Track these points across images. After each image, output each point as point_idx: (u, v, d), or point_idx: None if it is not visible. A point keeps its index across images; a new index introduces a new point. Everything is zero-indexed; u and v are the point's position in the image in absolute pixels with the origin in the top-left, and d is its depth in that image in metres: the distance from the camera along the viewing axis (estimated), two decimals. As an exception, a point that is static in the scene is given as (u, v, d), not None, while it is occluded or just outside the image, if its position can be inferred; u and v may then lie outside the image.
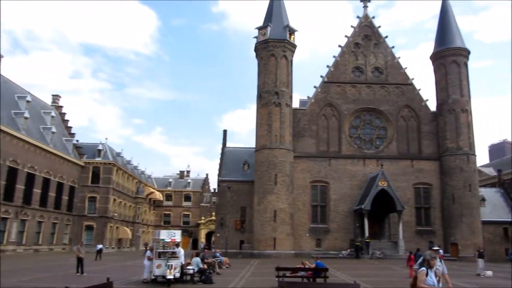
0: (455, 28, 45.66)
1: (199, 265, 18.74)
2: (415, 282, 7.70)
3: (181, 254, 17.64)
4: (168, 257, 16.80)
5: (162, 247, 17.31)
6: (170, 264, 16.54)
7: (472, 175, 41.66)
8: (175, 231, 18.79)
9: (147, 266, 17.78)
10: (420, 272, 7.45)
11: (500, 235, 43.39)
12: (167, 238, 17.42)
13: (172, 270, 16.43)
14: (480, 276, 23.20)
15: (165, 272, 16.60)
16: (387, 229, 41.68)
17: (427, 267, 7.48)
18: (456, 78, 43.36)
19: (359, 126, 44.47)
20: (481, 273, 23.69)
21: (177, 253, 17.26)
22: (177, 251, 17.30)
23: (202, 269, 18.67)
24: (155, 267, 16.88)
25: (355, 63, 45.42)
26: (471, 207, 40.51)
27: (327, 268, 17.57)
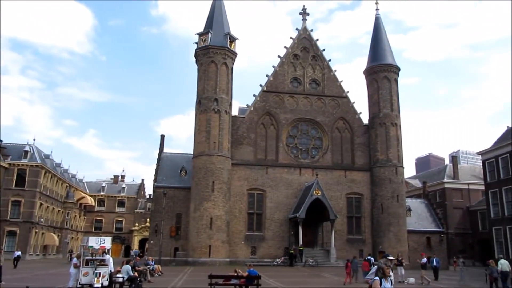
0: (387, 45, 48.18)
1: (129, 273, 18.17)
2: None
3: (110, 262, 17.02)
4: (96, 265, 16.15)
5: (90, 254, 16.61)
6: (98, 272, 15.94)
7: (400, 186, 43.91)
8: (105, 237, 18.10)
9: (73, 274, 16.96)
10: (374, 282, 7.09)
11: (423, 244, 46.00)
12: (95, 245, 16.75)
13: (100, 278, 15.83)
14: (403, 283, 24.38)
15: (92, 281, 15.96)
16: (320, 237, 42.81)
17: (381, 276, 7.10)
18: (387, 93, 45.68)
19: (296, 136, 45.47)
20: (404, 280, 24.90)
21: (106, 260, 16.64)
22: (106, 258, 16.68)
23: (132, 277, 18.13)
24: (81, 275, 16.16)
25: (293, 74, 46.48)
26: (398, 217, 42.63)
27: (259, 276, 17.69)
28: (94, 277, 15.90)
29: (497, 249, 42.46)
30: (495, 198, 43.27)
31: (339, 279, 25.99)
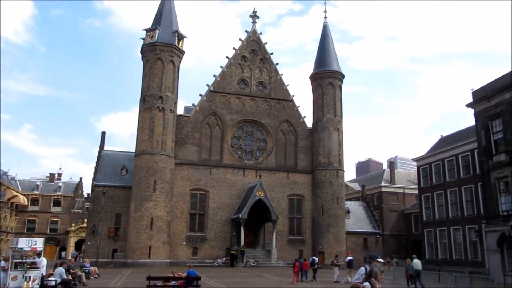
0: (333, 52, 49.58)
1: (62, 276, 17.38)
2: None
3: (42, 265, 16.22)
4: (26, 268, 15.28)
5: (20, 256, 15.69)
6: (28, 276, 15.07)
7: (340, 189, 45.26)
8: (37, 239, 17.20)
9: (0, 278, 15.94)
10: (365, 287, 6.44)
11: (360, 245, 47.75)
12: (26, 247, 15.84)
13: (30, 282, 15.00)
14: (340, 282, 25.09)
15: (21, 284, 15.09)
16: (262, 238, 43.20)
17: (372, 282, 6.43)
18: (331, 98, 46.96)
19: (241, 137, 45.64)
20: (340, 280, 25.58)
21: (38, 263, 15.80)
22: (38, 261, 15.84)
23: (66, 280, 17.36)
24: (9, 279, 15.22)
25: (241, 75, 46.64)
26: (337, 218, 43.91)
27: (199, 277, 17.54)
28: (23, 281, 15.06)
29: (427, 249, 44.86)
30: (428, 202, 45.70)
31: (279, 279, 26.36)
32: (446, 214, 42.56)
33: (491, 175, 30.87)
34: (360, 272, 8.04)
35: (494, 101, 31.09)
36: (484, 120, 32.06)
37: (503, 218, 29.16)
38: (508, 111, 29.76)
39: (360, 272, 8.06)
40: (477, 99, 32.94)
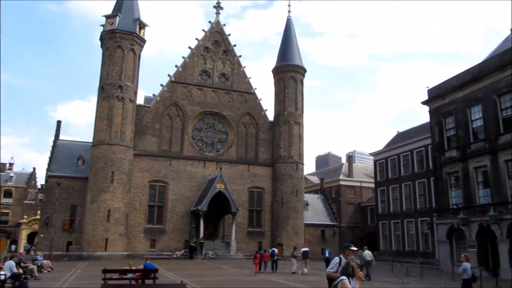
0: (296, 47, 49.92)
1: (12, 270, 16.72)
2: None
3: (-10, 258, 15.50)
4: (-29, 261, 14.58)
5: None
6: (-27, 269, 14.38)
7: (300, 182, 45.87)
8: (-15, 230, 16.42)
9: None
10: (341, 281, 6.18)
11: (318, 237, 48.70)
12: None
13: (-23, 275, 14.32)
14: (297, 274, 25.48)
15: (-34, 279, 14.38)
16: (222, 230, 43.24)
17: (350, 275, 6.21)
18: (292, 92, 47.35)
19: (202, 129, 45.30)
20: (297, 271, 25.98)
21: (-15, 256, 15.10)
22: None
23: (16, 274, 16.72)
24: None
25: (203, 66, 46.19)
26: (296, 211, 44.54)
27: (156, 269, 17.34)
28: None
29: (382, 241, 46.34)
30: (383, 196, 47.16)
31: (238, 271, 26.49)
32: (400, 207, 44.09)
33: (443, 170, 32.18)
34: (334, 261, 7.96)
35: (448, 99, 32.34)
36: (438, 117, 33.31)
37: (453, 211, 30.51)
38: (460, 109, 31.05)
39: (334, 261, 7.97)
40: (432, 97, 34.15)
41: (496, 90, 28.16)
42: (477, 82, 29.66)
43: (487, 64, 29.54)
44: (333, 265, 8.01)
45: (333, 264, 8.02)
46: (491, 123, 28.32)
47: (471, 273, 13.74)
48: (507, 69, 27.35)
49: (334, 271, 7.85)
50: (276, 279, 21.71)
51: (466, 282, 13.78)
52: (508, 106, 27.45)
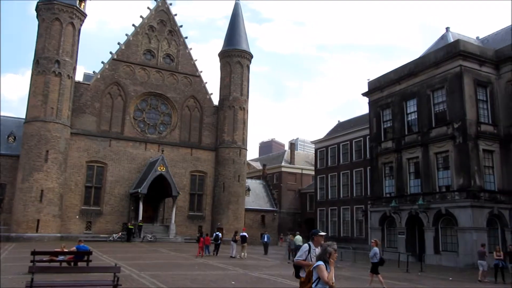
0: (243, 31, 49.68)
1: None
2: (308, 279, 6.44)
3: None
4: None
5: None
6: None
7: (242, 167, 46.14)
8: None
9: None
10: (317, 267, 6.04)
11: (258, 221, 49.43)
12: None
13: None
14: (236, 258, 25.76)
15: None
16: (161, 213, 42.71)
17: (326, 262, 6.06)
18: (238, 77, 47.23)
19: (145, 110, 44.17)
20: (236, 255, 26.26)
21: None
22: None
23: None
24: None
25: (147, 46, 44.84)
26: (238, 196, 44.84)
27: (90, 252, 16.84)
28: None
29: (319, 227, 47.81)
30: (322, 183, 48.58)
31: (176, 254, 26.35)
32: (338, 194, 45.66)
33: (379, 160, 33.63)
34: (303, 249, 7.53)
35: (386, 92, 33.68)
36: (377, 109, 34.65)
37: (386, 199, 32.06)
38: (397, 102, 32.47)
39: (303, 249, 7.55)
40: (371, 89, 35.42)
41: (430, 86, 29.69)
42: (413, 77, 31.10)
43: (423, 60, 31.02)
44: (302, 252, 7.59)
45: (302, 251, 7.60)
46: (424, 116, 29.88)
47: (379, 256, 14.66)
48: (441, 66, 28.89)
49: (303, 258, 7.46)
50: (214, 263, 21.82)
51: (374, 265, 14.65)
52: (440, 101, 29.07)
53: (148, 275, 15.06)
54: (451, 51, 28.53)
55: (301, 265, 7.46)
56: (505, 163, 27.52)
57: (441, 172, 28.37)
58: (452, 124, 27.57)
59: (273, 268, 20.70)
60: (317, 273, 6.08)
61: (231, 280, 15.00)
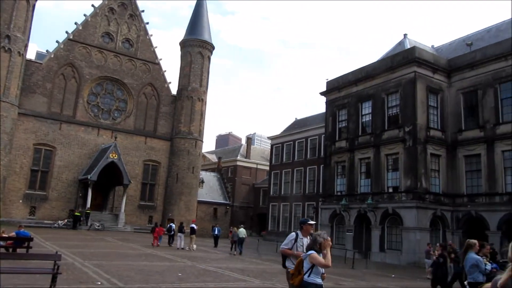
0: (206, 22, 49.08)
1: None
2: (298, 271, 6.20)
3: None
4: None
5: None
6: None
7: (197, 159, 45.74)
8: None
9: None
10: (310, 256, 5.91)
11: (210, 214, 49.25)
12: None
13: None
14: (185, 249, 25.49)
15: None
16: (111, 201, 41.65)
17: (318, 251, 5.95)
18: (198, 68, 46.66)
19: (99, 94, 42.79)
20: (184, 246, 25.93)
21: None
22: None
23: None
24: None
25: (106, 28, 43.41)
26: (191, 187, 44.44)
27: (31, 238, 16.11)
28: None
29: (271, 221, 48.30)
30: (276, 179, 48.99)
31: (123, 244, 25.75)
32: (291, 190, 46.22)
33: (332, 158, 34.28)
34: (290, 237, 7.21)
35: (343, 92, 34.34)
36: (333, 109, 35.26)
37: (337, 197, 32.76)
38: (353, 103, 33.17)
39: (289, 237, 7.22)
40: (329, 89, 35.99)
41: (385, 89, 30.54)
42: (370, 80, 31.87)
43: (380, 64, 31.85)
44: (288, 241, 7.21)
45: (288, 240, 7.23)
46: (378, 119, 30.71)
47: None
48: (397, 71, 29.77)
49: (289, 247, 7.12)
50: (162, 254, 21.49)
51: None
52: (394, 105, 29.96)
53: (92, 264, 14.60)
54: (407, 57, 29.44)
55: (287, 255, 7.17)
56: (450, 168, 28.78)
57: (391, 173, 29.31)
58: (403, 127, 28.49)
59: (221, 261, 20.65)
60: (309, 263, 5.93)
61: (178, 272, 14.81)
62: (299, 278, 6.03)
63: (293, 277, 6.23)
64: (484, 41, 31.21)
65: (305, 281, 5.90)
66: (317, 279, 5.93)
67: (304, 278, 5.93)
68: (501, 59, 27.01)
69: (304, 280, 5.92)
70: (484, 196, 26.75)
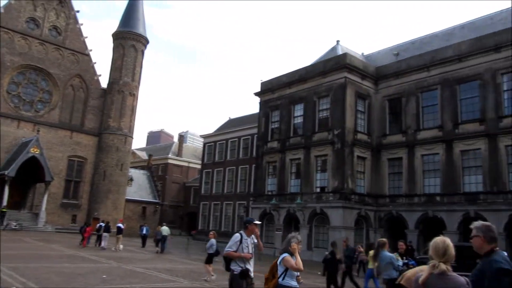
0: (141, 15, 47.56)
1: None
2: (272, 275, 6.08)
3: None
4: None
5: None
6: None
7: (126, 156, 44.22)
8: None
9: None
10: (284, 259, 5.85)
11: (139, 213, 47.84)
12: None
13: None
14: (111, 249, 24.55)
15: None
16: (30, 199, 39.06)
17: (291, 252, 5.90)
18: (131, 62, 45.11)
19: (21, 84, 39.97)
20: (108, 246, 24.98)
21: None
22: None
23: None
24: None
25: (32, 13, 40.64)
26: (119, 185, 42.86)
27: None
28: None
29: (201, 221, 47.95)
30: (208, 177, 48.71)
31: (44, 245, 24.28)
32: (222, 190, 46.18)
33: (264, 158, 34.71)
34: (234, 239, 6.91)
35: (277, 94, 34.90)
36: (266, 110, 35.72)
37: (268, 197, 33.21)
38: (286, 105, 33.82)
39: (234, 239, 6.92)
40: (263, 90, 36.41)
41: (317, 93, 31.46)
42: (303, 83, 32.67)
43: (313, 68, 32.76)
44: (233, 242, 6.86)
45: (233, 242, 6.88)
46: (309, 121, 31.57)
47: (216, 248, 15.14)
48: (328, 76, 30.77)
49: (234, 250, 6.79)
50: (86, 255, 20.51)
51: (210, 256, 14.98)
52: (324, 108, 30.96)
53: (6, 267, 13.55)
54: (338, 63, 30.53)
55: (233, 257, 6.84)
56: (375, 170, 30.28)
57: (320, 174, 30.25)
58: (333, 130, 29.52)
59: (149, 261, 20.12)
60: (283, 266, 5.85)
61: (102, 274, 14.18)
62: (273, 282, 5.97)
63: (267, 281, 6.13)
64: (409, 52, 33.20)
65: (280, 284, 5.85)
66: (292, 282, 5.88)
67: (278, 282, 5.87)
68: (423, 69, 28.88)
69: (279, 283, 5.86)
70: (404, 197, 28.46)
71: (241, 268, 6.68)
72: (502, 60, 25.20)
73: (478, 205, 24.55)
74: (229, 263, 6.96)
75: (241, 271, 6.66)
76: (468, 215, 24.53)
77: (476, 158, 25.58)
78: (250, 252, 6.90)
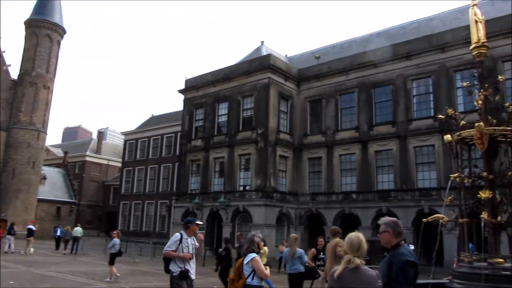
0: (58, 4, 44.70)
1: None
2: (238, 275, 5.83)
3: None
4: None
5: None
6: None
7: (39, 153, 41.40)
8: None
9: None
10: (253, 259, 5.77)
11: (53, 213, 45.12)
12: None
13: None
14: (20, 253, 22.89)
15: None
16: None
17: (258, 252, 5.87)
18: (46, 52, 42.27)
19: None
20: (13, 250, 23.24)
21: None
22: None
23: None
24: None
25: None
26: (30, 184, 40.02)
27: None
28: None
29: (121, 220, 46.30)
30: (129, 176, 47.15)
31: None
32: (144, 188, 44.97)
33: (187, 157, 34.31)
34: (174, 239, 6.78)
35: (202, 92, 34.66)
36: (190, 108, 35.34)
37: (191, 196, 32.89)
38: (210, 103, 33.70)
39: (174, 238, 6.79)
40: (188, 87, 35.97)
41: (241, 92, 31.72)
42: (227, 82, 32.75)
43: (238, 68, 33.00)
44: (172, 242, 6.76)
45: (172, 241, 6.78)
46: (233, 120, 31.74)
47: (118, 247, 15.05)
48: (252, 76, 31.16)
49: (173, 249, 6.70)
50: None
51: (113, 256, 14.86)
52: (248, 108, 31.31)
53: None
54: (262, 64, 31.01)
55: (172, 257, 6.74)
56: (296, 168, 31.20)
57: (243, 172, 30.55)
58: (256, 129, 29.94)
59: (63, 264, 19.03)
60: (250, 267, 5.76)
61: (10, 280, 13.16)
62: (241, 283, 5.88)
63: (234, 282, 5.99)
64: (330, 55, 34.61)
65: (249, 284, 5.79)
66: (261, 282, 5.86)
67: (247, 282, 5.80)
68: (342, 73, 30.27)
69: (248, 283, 5.80)
70: (323, 195, 29.65)
71: (180, 268, 6.64)
72: (413, 67, 27.19)
73: (389, 202, 26.27)
74: (168, 264, 6.85)
75: (180, 271, 6.64)
76: (381, 211, 26.13)
77: (388, 158, 27.34)
78: (190, 253, 6.84)
